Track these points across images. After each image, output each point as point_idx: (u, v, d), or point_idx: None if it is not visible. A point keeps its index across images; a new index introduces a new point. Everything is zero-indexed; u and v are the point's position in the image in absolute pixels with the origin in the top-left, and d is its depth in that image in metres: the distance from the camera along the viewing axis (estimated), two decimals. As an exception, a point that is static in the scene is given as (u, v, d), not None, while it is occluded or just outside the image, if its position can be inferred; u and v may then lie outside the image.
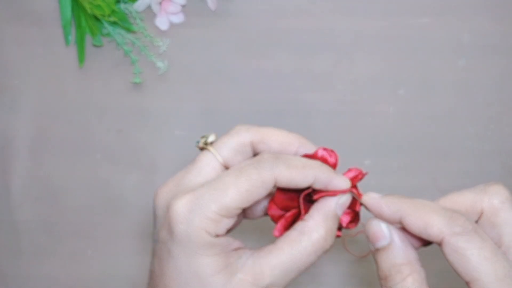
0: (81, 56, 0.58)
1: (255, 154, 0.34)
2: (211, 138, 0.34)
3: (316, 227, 0.32)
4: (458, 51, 0.57)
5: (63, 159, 0.59)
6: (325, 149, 0.34)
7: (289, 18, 0.57)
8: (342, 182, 0.33)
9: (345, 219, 0.34)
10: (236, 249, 0.32)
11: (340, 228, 0.34)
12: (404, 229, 0.31)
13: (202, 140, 0.35)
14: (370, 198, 0.32)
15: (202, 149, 0.34)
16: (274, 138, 0.34)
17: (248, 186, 0.31)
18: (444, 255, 0.29)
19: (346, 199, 0.33)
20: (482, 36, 0.57)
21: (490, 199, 0.31)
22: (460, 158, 0.59)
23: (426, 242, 0.32)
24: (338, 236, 0.34)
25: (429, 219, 0.29)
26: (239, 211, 0.31)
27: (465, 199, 0.32)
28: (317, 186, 0.33)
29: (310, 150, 0.34)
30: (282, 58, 0.58)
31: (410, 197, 0.32)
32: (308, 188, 0.33)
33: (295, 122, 0.58)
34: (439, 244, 0.29)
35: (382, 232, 0.31)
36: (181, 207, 0.31)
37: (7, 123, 0.59)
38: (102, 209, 0.59)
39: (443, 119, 0.58)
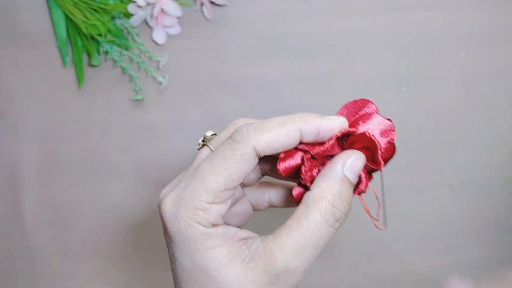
0: (80, 77, 0.57)
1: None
2: (208, 133, 0.33)
3: (322, 194, 0.28)
4: (459, 43, 0.57)
5: (72, 181, 0.59)
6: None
7: (286, 22, 0.56)
8: (333, 122, 0.29)
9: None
10: (244, 239, 0.30)
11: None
12: None
13: (201, 139, 0.34)
14: None
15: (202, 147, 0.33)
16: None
17: (226, 164, 0.29)
18: None
19: (354, 160, 0.29)
20: (482, 27, 0.56)
21: None
22: (465, 151, 0.59)
23: None
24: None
25: None
26: (228, 193, 0.29)
27: None
28: (308, 139, 0.29)
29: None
30: (282, 63, 0.57)
31: None
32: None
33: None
34: None
35: None
36: (167, 205, 0.29)
37: (13, 148, 0.59)
38: (116, 228, 0.59)
39: (447, 113, 0.58)
